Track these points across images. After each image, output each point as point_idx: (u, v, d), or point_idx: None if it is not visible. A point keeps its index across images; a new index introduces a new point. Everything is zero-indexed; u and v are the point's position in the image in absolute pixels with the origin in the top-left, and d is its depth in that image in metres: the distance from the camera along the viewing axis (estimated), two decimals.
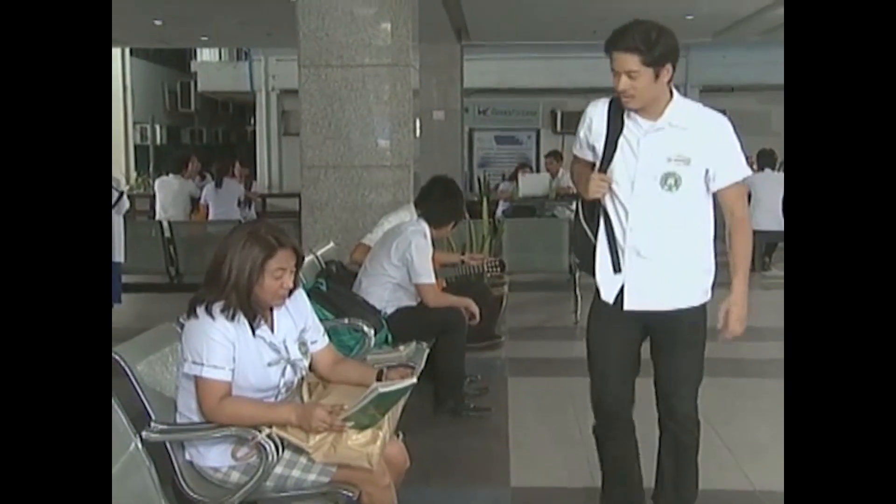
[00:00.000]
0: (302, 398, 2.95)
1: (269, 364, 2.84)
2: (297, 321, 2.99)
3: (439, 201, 5.08)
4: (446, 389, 4.94)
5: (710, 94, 18.16)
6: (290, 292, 2.92)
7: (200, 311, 2.75)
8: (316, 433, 2.70)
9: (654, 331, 3.29)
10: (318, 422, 2.68)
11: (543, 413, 5.27)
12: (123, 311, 7.93)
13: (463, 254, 6.03)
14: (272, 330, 2.89)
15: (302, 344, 2.97)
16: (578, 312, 7.69)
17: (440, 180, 5.26)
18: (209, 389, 2.71)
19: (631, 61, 2.90)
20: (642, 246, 3.11)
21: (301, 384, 2.98)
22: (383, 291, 4.86)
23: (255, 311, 2.82)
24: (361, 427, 2.74)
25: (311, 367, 3.03)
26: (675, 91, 3.06)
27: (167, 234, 8.82)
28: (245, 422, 2.73)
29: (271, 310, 2.91)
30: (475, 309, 5.03)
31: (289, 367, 2.89)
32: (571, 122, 18.72)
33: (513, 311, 7.41)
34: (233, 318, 2.76)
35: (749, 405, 5.17)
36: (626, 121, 3.06)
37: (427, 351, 4.84)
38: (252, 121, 21.33)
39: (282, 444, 2.72)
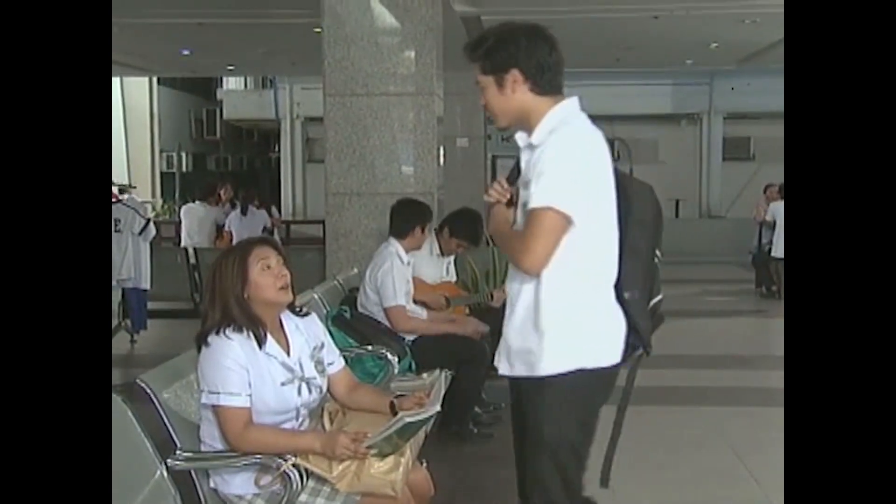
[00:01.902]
0: (324, 426, 2.94)
1: (283, 384, 2.79)
2: (311, 340, 2.95)
3: (397, 214, 5.13)
4: (454, 413, 4.90)
5: (735, 121, 18.13)
6: (298, 309, 2.93)
7: (211, 338, 2.73)
8: (340, 461, 2.68)
9: None
10: (342, 449, 2.66)
11: None
12: (149, 337, 7.99)
13: (470, 313, 5.74)
14: (287, 351, 2.85)
15: (318, 363, 2.93)
16: None
17: (398, 200, 5.33)
18: (230, 417, 2.70)
19: (476, 72, 2.57)
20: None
21: (322, 412, 2.97)
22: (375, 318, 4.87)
23: (263, 323, 2.79)
24: (384, 455, 2.73)
25: (329, 390, 3.01)
26: (560, 105, 2.58)
27: (192, 260, 8.88)
28: (269, 449, 2.71)
29: (283, 330, 2.89)
30: (464, 331, 4.98)
31: (304, 386, 2.85)
32: None
33: None
34: (243, 333, 2.73)
35: (777, 435, 5.10)
36: None
37: (450, 379, 4.82)
38: (277, 148, 21.46)
39: (306, 472, 2.71)
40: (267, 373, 2.77)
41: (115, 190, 7.32)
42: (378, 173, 6.61)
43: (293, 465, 2.68)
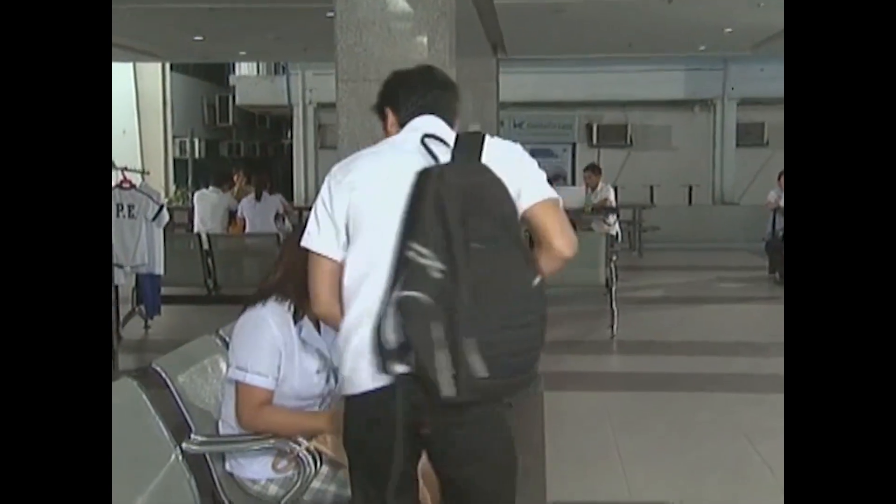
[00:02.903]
0: None
1: (318, 371, 2.83)
2: None
3: None
4: None
5: (749, 107, 18.04)
6: None
7: (254, 310, 2.76)
8: None
9: None
10: None
11: (579, 427, 5.25)
12: (163, 322, 8.03)
13: None
14: (319, 331, 2.87)
15: None
16: (615, 326, 7.66)
17: None
18: (249, 395, 2.72)
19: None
20: None
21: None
22: None
23: (307, 305, 2.71)
24: None
25: None
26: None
27: (205, 246, 8.90)
28: (281, 430, 2.73)
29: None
30: None
31: (331, 375, 2.87)
32: (608, 135, 18.70)
33: (548, 324, 7.35)
34: (285, 307, 2.77)
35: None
36: None
37: None
38: (289, 134, 21.46)
39: (320, 458, 2.73)
40: (300, 359, 2.80)
41: (128, 176, 7.32)
42: None
43: (308, 450, 2.69)
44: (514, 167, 2.31)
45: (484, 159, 2.25)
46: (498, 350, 2.13)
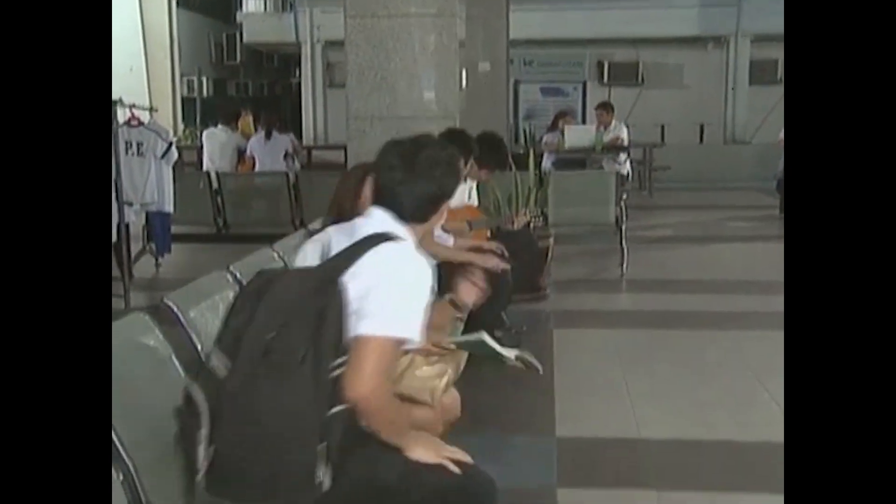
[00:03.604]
0: None
1: None
2: None
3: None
4: None
5: (762, 43, 17.77)
6: None
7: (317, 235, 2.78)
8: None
9: None
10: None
11: (589, 364, 5.27)
12: (173, 260, 8.07)
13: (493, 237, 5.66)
14: None
15: None
16: (625, 265, 7.66)
17: (448, 128, 5.26)
18: None
19: None
20: None
21: None
22: None
23: None
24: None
25: None
26: None
27: (214, 185, 8.89)
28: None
29: None
30: (484, 264, 4.92)
31: None
32: (619, 73, 18.49)
33: (558, 263, 7.40)
34: None
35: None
36: None
37: None
38: (297, 73, 21.29)
39: None
40: None
41: (136, 113, 7.28)
42: (399, 97, 6.54)
43: None
44: (369, 287, 2.14)
45: (352, 269, 2.16)
46: (228, 469, 2.08)
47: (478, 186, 5.80)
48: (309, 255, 2.53)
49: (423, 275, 2.23)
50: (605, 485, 3.63)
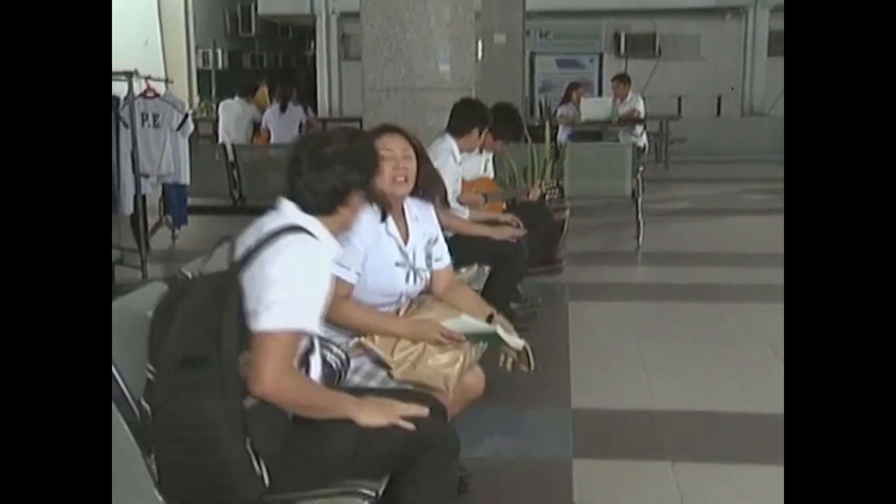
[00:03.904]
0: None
1: (397, 264, 2.92)
2: (427, 232, 3.06)
3: (458, 112, 5.10)
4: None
5: (781, 14, 17.57)
6: (417, 193, 3.00)
7: None
8: (432, 343, 2.76)
9: None
10: (436, 333, 2.77)
11: (604, 337, 5.28)
12: (189, 232, 8.10)
13: (508, 209, 5.67)
14: (405, 238, 2.97)
15: (428, 256, 3.04)
16: (640, 238, 7.65)
17: (463, 99, 5.29)
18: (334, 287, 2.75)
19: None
20: None
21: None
22: None
23: (386, 202, 2.86)
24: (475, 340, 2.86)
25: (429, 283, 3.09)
26: None
27: (230, 157, 8.89)
28: (357, 325, 2.79)
29: (406, 220, 3.00)
30: (500, 237, 4.91)
31: (412, 274, 2.96)
32: (636, 45, 18.33)
33: (574, 236, 7.39)
34: (374, 207, 2.81)
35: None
36: None
37: (487, 275, 4.85)
38: (312, 45, 21.20)
39: (347, 361, 2.75)
40: (385, 251, 2.89)
41: (152, 85, 7.28)
42: (415, 68, 6.51)
43: (358, 345, 2.76)
44: (265, 282, 2.16)
45: (253, 266, 2.17)
46: (172, 476, 2.14)
47: (494, 159, 5.79)
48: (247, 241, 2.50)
49: (317, 264, 2.25)
50: (620, 456, 3.64)
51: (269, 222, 2.31)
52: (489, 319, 3.02)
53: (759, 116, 17.29)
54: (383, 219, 2.89)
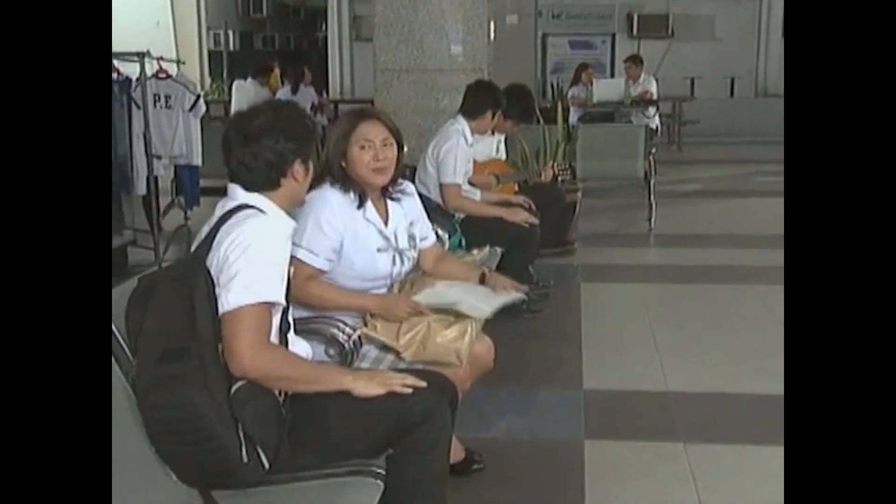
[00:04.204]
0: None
1: (379, 250, 2.90)
2: (408, 214, 3.05)
3: (472, 94, 5.07)
4: None
5: None
6: (396, 180, 2.97)
7: (313, 194, 2.74)
8: (397, 321, 2.76)
9: None
10: (403, 309, 2.76)
11: (616, 318, 5.28)
12: (201, 213, 8.10)
13: (520, 191, 5.66)
14: (385, 222, 2.95)
15: (411, 237, 3.03)
16: (653, 219, 7.63)
17: (477, 80, 5.27)
18: (299, 269, 2.72)
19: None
20: None
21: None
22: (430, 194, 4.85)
23: (363, 189, 2.87)
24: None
25: (417, 262, 3.10)
26: None
27: None
28: (325, 304, 2.80)
29: (386, 202, 2.98)
30: (513, 219, 4.91)
31: (397, 256, 2.96)
32: (649, 25, 18.19)
33: (586, 217, 7.37)
34: (346, 192, 2.85)
35: None
36: None
37: (500, 256, 4.84)
38: (323, 27, 21.15)
39: (359, 346, 2.76)
40: (364, 237, 2.87)
41: (164, 66, 7.27)
42: (427, 49, 6.50)
43: (360, 336, 2.76)
44: (223, 262, 2.16)
45: (212, 250, 2.18)
46: (175, 461, 2.17)
47: (506, 140, 5.78)
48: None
49: (268, 237, 2.23)
50: (632, 437, 3.64)
51: (221, 207, 2.31)
52: (482, 280, 3.08)
53: (774, 98, 17.18)
54: (361, 205, 2.88)
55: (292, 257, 2.72)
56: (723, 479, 3.26)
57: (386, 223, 2.95)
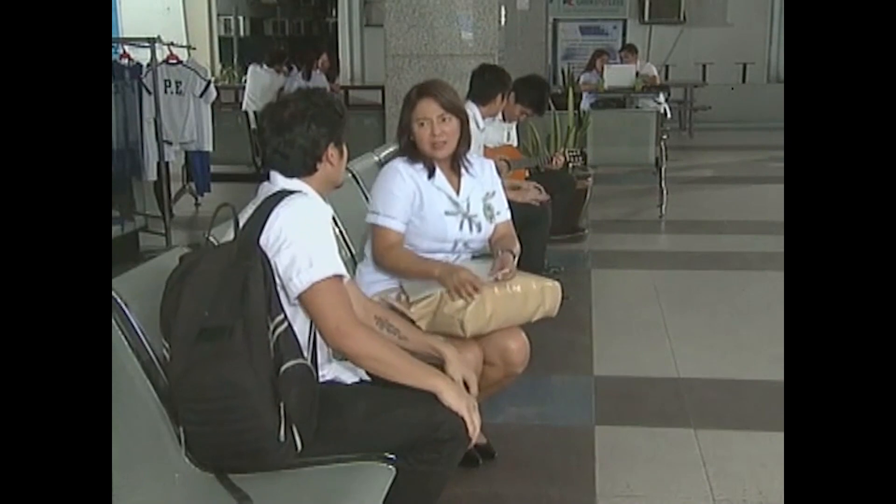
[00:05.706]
0: None
1: (447, 213, 3.10)
2: (485, 185, 3.25)
3: (479, 78, 5.06)
4: None
5: None
6: (460, 151, 3.13)
7: (386, 166, 3.16)
8: (455, 291, 2.82)
9: None
10: (461, 280, 2.83)
11: (627, 305, 5.27)
12: (212, 199, 8.13)
13: (531, 177, 5.69)
14: (457, 190, 3.15)
15: (487, 208, 3.21)
16: (664, 205, 7.61)
17: (481, 64, 5.30)
18: (381, 236, 3.03)
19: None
20: None
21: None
22: None
23: (430, 161, 3.09)
24: None
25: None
26: None
27: (253, 125, 8.91)
28: (401, 271, 3.00)
29: (460, 172, 3.17)
30: (524, 199, 4.87)
31: (466, 222, 3.14)
32: (660, 11, 18.09)
33: (597, 203, 7.36)
34: (416, 163, 3.09)
35: None
36: None
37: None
38: (334, 12, 21.10)
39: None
40: (434, 201, 3.10)
41: (175, 52, 7.28)
42: (437, 35, 6.48)
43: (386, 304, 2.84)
44: (284, 245, 2.21)
45: (264, 232, 2.21)
46: (201, 444, 2.19)
47: (517, 127, 5.76)
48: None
49: (319, 215, 2.31)
50: (643, 423, 3.65)
51: (264, 192, 2.36)
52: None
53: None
54: (430, 175, 3.10)
55: (372, 225, 3.03)
56: (734, 465, 3.26)
57: (458, 192, 3.15)
